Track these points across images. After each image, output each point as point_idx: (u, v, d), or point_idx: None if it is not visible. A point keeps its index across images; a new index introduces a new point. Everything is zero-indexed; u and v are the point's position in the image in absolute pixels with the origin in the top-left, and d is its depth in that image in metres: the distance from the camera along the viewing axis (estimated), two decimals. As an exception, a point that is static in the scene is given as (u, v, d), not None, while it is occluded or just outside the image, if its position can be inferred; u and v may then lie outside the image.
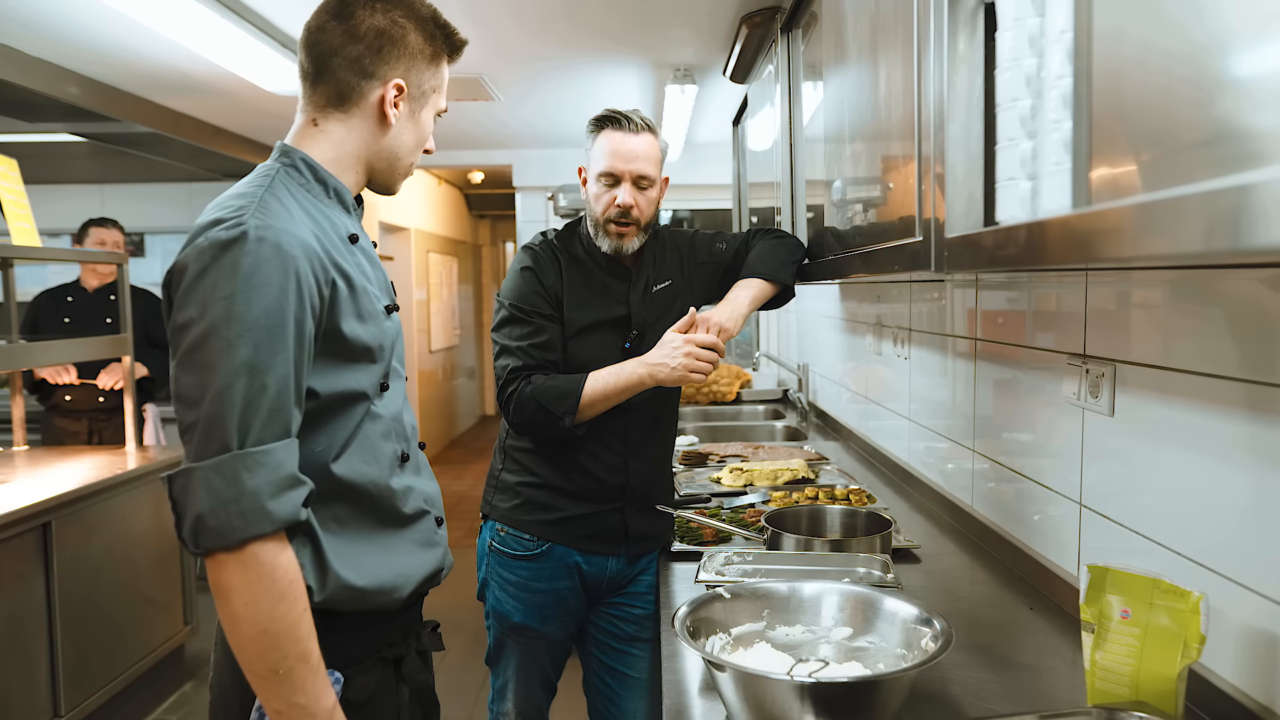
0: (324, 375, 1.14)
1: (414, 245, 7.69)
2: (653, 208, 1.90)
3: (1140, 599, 1.05)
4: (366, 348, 1.19)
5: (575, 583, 1.92)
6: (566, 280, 1.89)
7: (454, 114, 4.40)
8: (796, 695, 1.04)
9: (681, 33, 3.10)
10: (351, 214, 1.26)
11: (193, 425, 1.04)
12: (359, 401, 1.19)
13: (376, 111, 1.22)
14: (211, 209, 1.11)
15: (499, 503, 1.93)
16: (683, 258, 2.02)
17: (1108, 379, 1.36)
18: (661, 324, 1.91)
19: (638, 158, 1.83)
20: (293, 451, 1.08)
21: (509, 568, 1.90)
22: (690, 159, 5.38)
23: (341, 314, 1.14)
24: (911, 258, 1.19)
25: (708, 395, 4.23)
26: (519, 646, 1.93)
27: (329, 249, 1.14)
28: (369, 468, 1.21)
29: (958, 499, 2.05)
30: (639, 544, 1.94)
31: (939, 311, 2.17)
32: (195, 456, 1.03)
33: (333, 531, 1.17)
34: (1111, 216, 0.63)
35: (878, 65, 1.45)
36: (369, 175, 1.28)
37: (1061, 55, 0.80)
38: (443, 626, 1.54)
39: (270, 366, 1.04)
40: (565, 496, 1.88)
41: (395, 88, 1.21)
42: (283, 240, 1.06)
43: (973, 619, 1.51)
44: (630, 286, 1.93)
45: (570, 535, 1.88)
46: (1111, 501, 1.38)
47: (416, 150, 1.30)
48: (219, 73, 3.27)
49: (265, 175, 1.17)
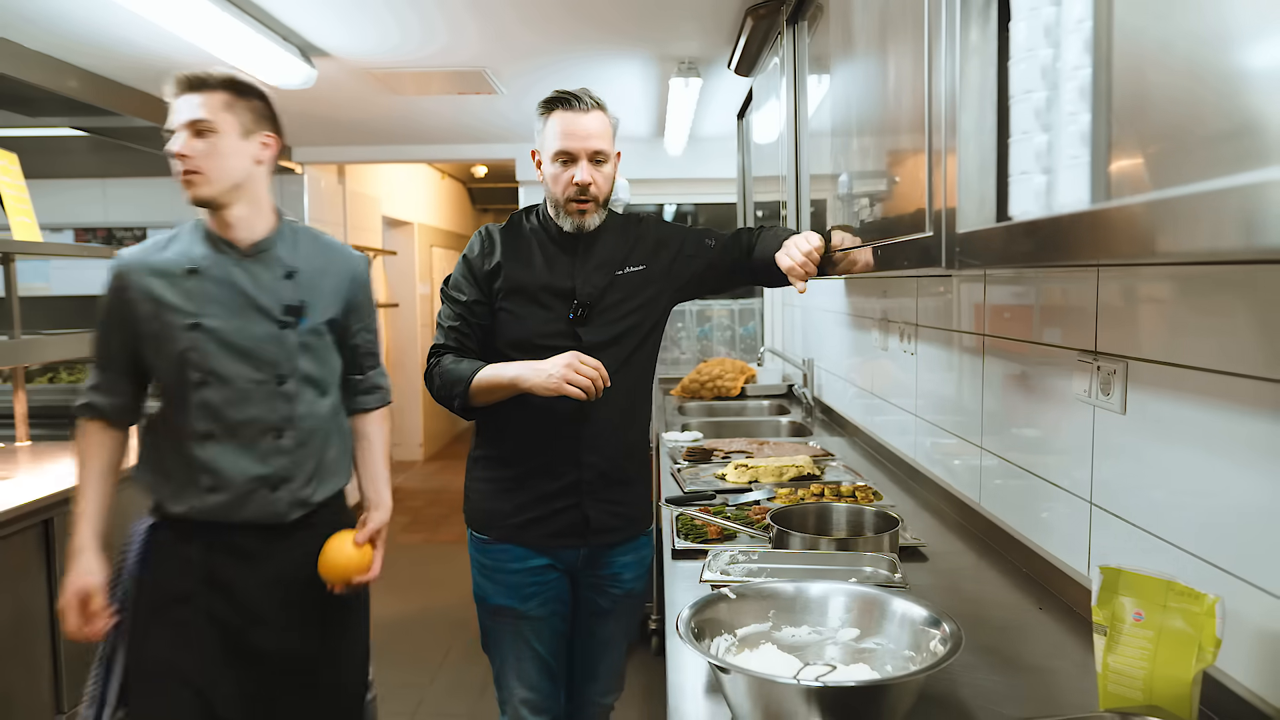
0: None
1: (417, 239, 7.67)
2: (609, 183, 1.92)
3: (1154, 601, 1.03)
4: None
5: (549, 561, 1.96)
6: (504, 253, 1.92)
7: (456, 107, 4.38)
8: (803, 699, 1.02)
9: (686, 25, 3.07)
10: (223, 251, 1.41)
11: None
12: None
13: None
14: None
15: (470, 505, 2.02)
16: (668, 248, 2.01)
17: (1119, 376, 1.33)
18: (623, 305, 1.93)
19: (591, 135, 1.85)
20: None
21: (484, 552, 1.98)
22: (694, 153, 5.35)
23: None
24: (922, 253, 1.17)
25: (712, 390, 4.21)
26: (505, 629, 1.98)
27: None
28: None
29: (965, 496, 2.03)
30: (602, 536, 1.96)
31: (946, 306, 2.15)
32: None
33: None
34: (1135, 212, 0.61)
35: (886, 57, 1.42)
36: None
37: (1079, 46, 0.77)
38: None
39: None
40: (522, 494, 1.93)
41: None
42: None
43: (981, 619, 1.49)
44: (577, 259, 1.92)
45: (533, 535, 1.93)
46: (1123, 500, 1.35)
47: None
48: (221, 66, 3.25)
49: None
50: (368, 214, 6.46)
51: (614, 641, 2.10)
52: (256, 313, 1.73)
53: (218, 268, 1.73)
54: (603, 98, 1.91)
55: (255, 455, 1.74)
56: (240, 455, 1.74)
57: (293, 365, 1.76)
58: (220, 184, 1.70)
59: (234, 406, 1.72)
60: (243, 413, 1.73)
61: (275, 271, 1.77)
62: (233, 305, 1.72)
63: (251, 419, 1.73)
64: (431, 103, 4.24)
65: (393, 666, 3.67)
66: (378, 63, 3.45)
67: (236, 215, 1.74)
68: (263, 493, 1.75)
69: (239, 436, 1.73)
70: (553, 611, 1.99)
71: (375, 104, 4.20)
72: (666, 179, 5.53)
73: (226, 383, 1.72)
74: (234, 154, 1.70)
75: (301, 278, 1.79)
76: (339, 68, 3.47)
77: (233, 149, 1.70)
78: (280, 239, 1.80)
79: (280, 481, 1.77)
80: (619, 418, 1.94)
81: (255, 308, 1.74)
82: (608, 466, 1.93)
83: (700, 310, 5.53)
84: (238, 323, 1.72)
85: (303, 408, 1.78)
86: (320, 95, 3.88)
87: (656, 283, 1.98)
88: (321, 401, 1.83)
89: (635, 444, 2.02)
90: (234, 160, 1.70)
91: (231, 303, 1.72)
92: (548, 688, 2.00)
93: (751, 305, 5.55)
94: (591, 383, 1.74)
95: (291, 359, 1.76)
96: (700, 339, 5.58)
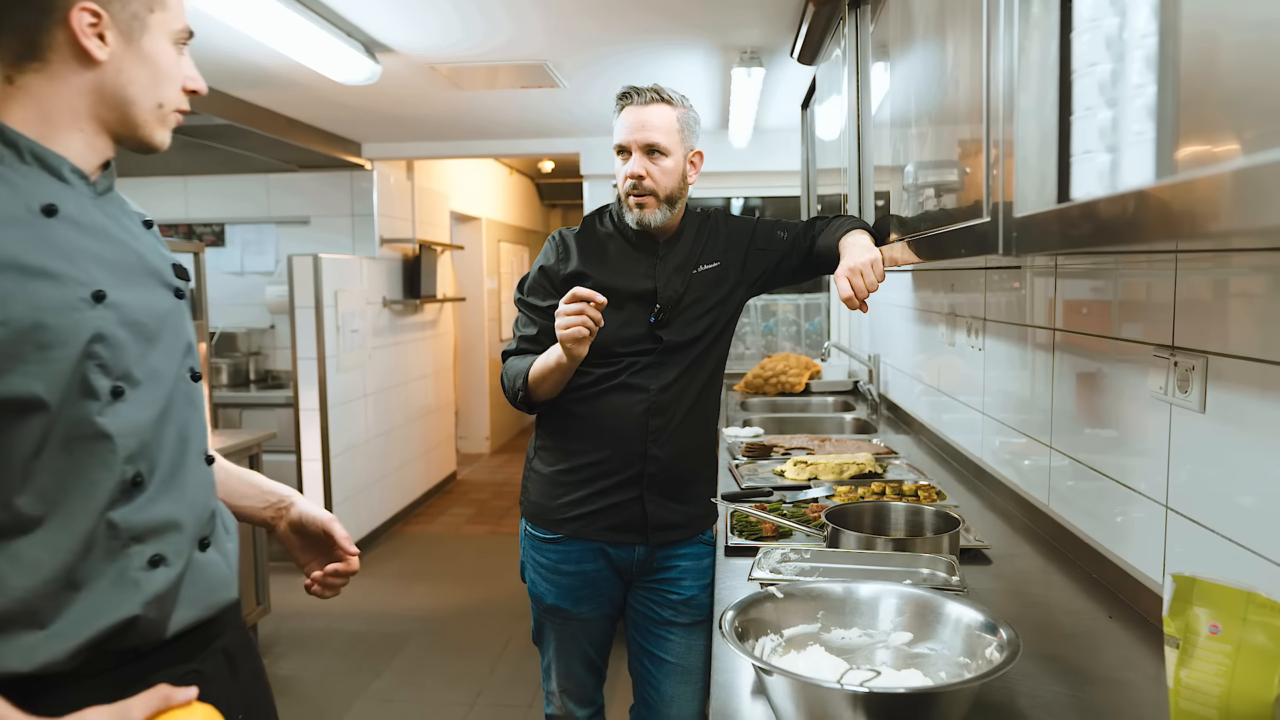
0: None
1: (485, 235, 7.76)
2: (670, 178, 1.86)
3: (1232, 613, 0.96)
4: (28, 342, 0.95)
5: (603, 565, 1.93)
6: (581, 256, 1.90)
7: (519, 102, 4.40)
8: (849, 705, 0.98)
9: (747, 12, 3.02)
10: (70, 182, 1.04)
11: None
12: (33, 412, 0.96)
13: (74, 49, 1.01)
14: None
15: (527, 496, 1.99)
16: (740, 242, 1.98)
17: (1198, 372, 1.25)
18: (700, 304, 1.90)
19: (646, 127, 1.82)
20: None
21: (540, 550, 1.96)
22: (759, 145, 5.27)
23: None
24: (979, 240, 1.11)
25: (775, 386, 4.14)
26: (556, 627, 1.98)
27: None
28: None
29: (1033, 498, 1.95)
30: (663, 533, 1.92)
31: (1015, 301, 2.06)
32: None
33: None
34: (1200, 187, 0.56)
35: (945, 37, 1.36)
36: (109, 131, 1.07)
37: (1147, 10, 0.72)
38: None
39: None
40: (585, 486, 1.90)
41: (86, 13, 0.99)
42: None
43: (1046, 626, 1.42)
44: (658, 261, 1.90)
45: (591, 528, 1.90)
46: (1202, 505, 1.27)
47: (158, 88, 1.08)
48: (289, 65, 3.32)
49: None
50: (436, 209, 6.55)
51: (689, 669, 1.97)
52: None
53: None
54: (678, 93, 1.88)
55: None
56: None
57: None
58: None
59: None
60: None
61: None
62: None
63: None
64: (494, 97, 4.27)
65: (453, 657, 3.72)
66: (441, 57, 3.48)
67: None
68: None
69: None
70: (604, 614, 1.99)
71: (439, 99, 4.25)
72: (731, 172, 5.46)
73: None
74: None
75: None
76: (403, 63, 3.51)
77: None
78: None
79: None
80: (688, 414, 1.92)
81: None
82: (672, 463, 1.90)
83: (765, 305, 5.46)
84: None
85: None
86: (385, 91, 3.93)
87: (730, 279, 1.95)
88: None
89: (701, 441, 1.99)
90: None
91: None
92: (592, 681, 2.04)
93: (818, 300, 5.45)
94: (582, 325, 1.68)
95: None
96: (765, 334, 5.51)
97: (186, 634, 1.10)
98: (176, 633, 1.09)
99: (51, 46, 1.00)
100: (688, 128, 1.88)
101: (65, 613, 0.98)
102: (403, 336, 5.88)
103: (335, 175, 5.54)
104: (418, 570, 4.91)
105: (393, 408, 5.68)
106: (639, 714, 2.05)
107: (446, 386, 6.79)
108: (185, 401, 1.13)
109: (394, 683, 3.50)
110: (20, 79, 1.01)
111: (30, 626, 0.96)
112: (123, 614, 1.01)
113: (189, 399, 1.14)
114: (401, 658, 3.72)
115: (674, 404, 1.89)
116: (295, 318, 4.74)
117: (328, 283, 4.79)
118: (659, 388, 1.87)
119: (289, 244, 5.63)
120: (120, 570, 1.02)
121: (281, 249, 5.69)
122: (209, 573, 1.14)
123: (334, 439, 4.85)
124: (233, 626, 1.22)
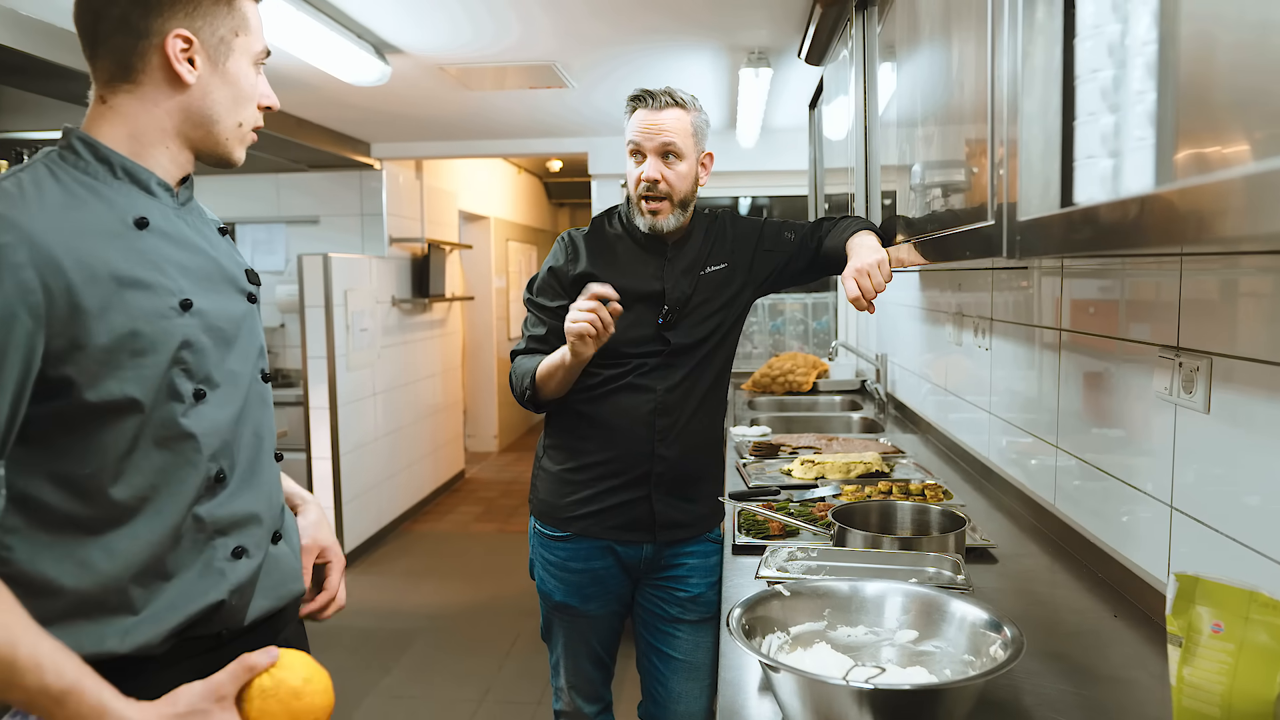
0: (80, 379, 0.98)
1: (493, 234, 7.78)
2: (685, 182, 1.86)
3: (1235, 612, 0.97)
4: (125, 350, 1.01)
5: (611, 563, 1.95)
6: (590, 257, 1.91)
7: (527, 103, 4.42)
8: (854, 701, 0.99)
9: (755, 13, 3.02)
10: (157, 195, 1.09)
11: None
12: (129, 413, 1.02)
13: (166, 73, 1.06)
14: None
15: (536, 495, 2.01)
16: (747, 243, 1.98)
17: (1203, 373, 1.26)
18: (708, 306, 1.91)
19: (661, 130, 1.82)
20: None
21: (549, 548, 1.97)
22: (767, 145, 5.28)
23: (86, 311, 0.97)
24: (983, 243, 1.12)
25: (783, 385, 4.15)
26: (564, 624, 2.00)
27: (81, 240, 0.99)
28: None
29: (1039, 497, 1.96)
30: (670, 532, 1.93)
31: (1022, 300, 2.07)
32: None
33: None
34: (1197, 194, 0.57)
35: (950, 38, 1.37)
36: (192, 148, 1.13)
37: (1148, 18, 0.73)
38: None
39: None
40: (593, 485, 1.91)
41: (179, 39, 1.05)
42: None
43: (1051, 625, 1.43)
44: (666, 263, 1.90)
45: (599, 527, 1.92)
46: (1206, 505, 1.28)
47: (240, 108, 1.13)
48: (300, 66, 3.34)
49: (31, 161, 1.05)
50: (444, 208, 6.58)
51: (696, 666, 1.98)
52: None
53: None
54: (690, 96, 1.88)
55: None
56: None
57: None
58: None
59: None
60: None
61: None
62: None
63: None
64: (503, 98, 4.29)
65: (462, 654, 3.74)
66: (450, 58, 3.50)
67: None
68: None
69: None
70: (612, 611, 2.00)
71: (448, 99, 4.27)
72: (739, 171, 5.47)
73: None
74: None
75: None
76: (413, 64, 3.53)
77: None
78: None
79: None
80: (694, 414, 1.93)
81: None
82: (680, 462, 1.91)
83: (773, 304, 5.47)
84: None
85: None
86: (395, 92, 3.96)
87: (738, 280, 1.96)
88: None
89: (709, 441, 2.00)
90: None
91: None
92: (600, 677, 2.05)
93: (825, 299, 5.46)
94: (590, 324, 1.68)
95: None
96: (773, 333, 5.52)
97: (260, 624, 1.17)
98: (252, 622, 1.15)
99: (145, 69, 1.06)
100: (700, 131, 1.89)
101: (156, 599, 1.05)
102: (411, 335, 5.91)
103: (345, 175, 5.56)
104: (426, 568, 4.93)
105: (402, 406, 5.70)
106: (647, 710, 2.06)
107: (455, 385, 6.81)
108: (259, 401, 1.19)
109: (403, 679, 3.53)
110: (113, 98, 1.07)
111: (124, 612, 1.03)
112: (210, 599, 1.08)
113: (261, 399, 1.20)
114: (410, 654, 3.75)
115: (681, 404, 1.90)
116: (305, 316, 4.77)
117: (337, 282, 4.82)
118: (666, 388, 1.89)
119: (299, 243, 5.66)
120: (207, 561, 1.09)
121: (291, 248, 5.72)
122: (282, 565, 1.21)
123: (343, 437, 4.88)
124: (293, 620, 1.28)
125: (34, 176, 1.02)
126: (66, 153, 1.06)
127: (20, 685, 0.91)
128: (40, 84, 2.98)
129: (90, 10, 1.06)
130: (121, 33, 1.05)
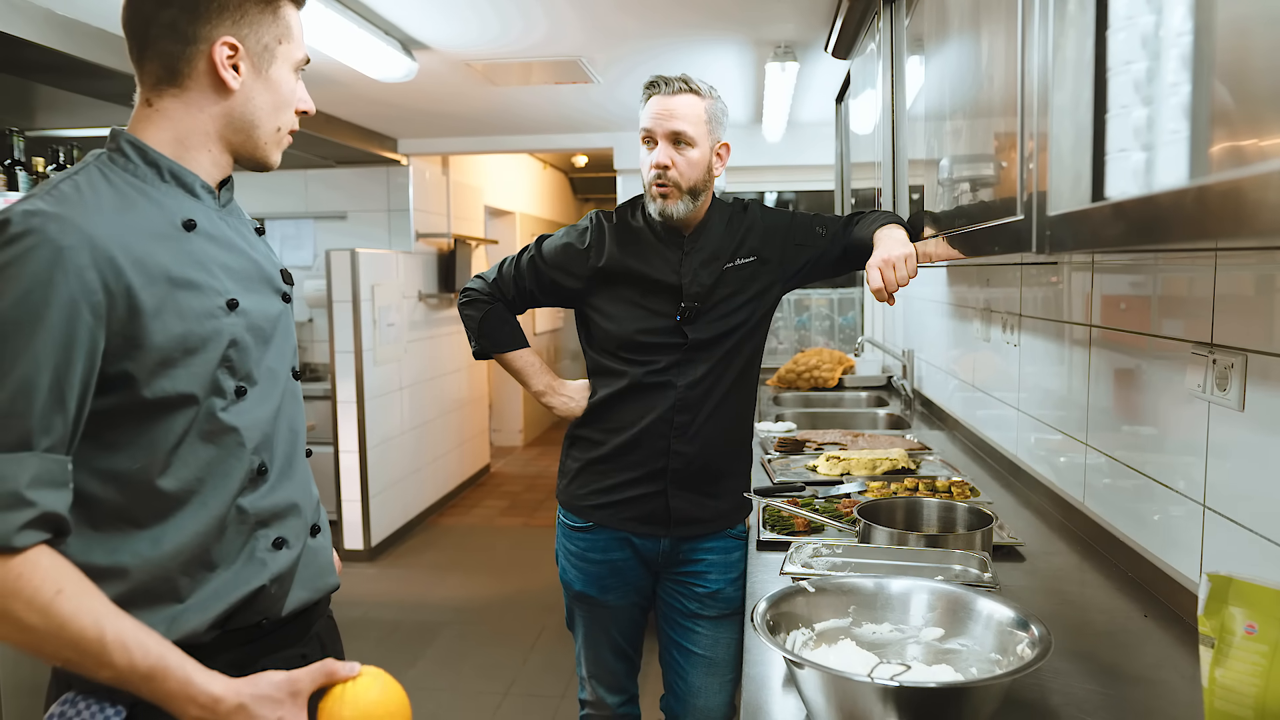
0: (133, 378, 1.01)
1: (519, 228, 7.81)
2: (695, 170, 1.84)
3: (1269, 613, 0.95)
4: (179, 348, 1.04)
5: (629, 555, 1.96)
6: (616, 248, 1.91)
7: (552, 98, 4.42)
8: (879, 698, 0.99)
9: (782, 7, 3.01)
10: (201, 198, 1.12)
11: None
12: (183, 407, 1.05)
13: (211, 79, 1.09)
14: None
15: (562, 484, 2.04)
16: (778, 235, 1.96)
17: (1237, 370, 1.24)
18: (734, 299, 1.89)
19: (672, 116, 1.81)
20: (26, 466, 0.92)
21: (570, 538, 2.00)
22: (793, 139, 5.25)
23: (144, 311, 1.00)
24: (1012, 238, 1.11)
25: (809, 381, 4.13)
26: (584, 614, 2.03)
27: (136, 242, 1.01)
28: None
29: (1069, 495, 1.93)
30: (686, 527, 1.94)
31: (1052, 296, 2.04)
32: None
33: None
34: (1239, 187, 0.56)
35: (980, 31, 1.35)
36: (232, 151, 1.15)
37: (1183, 9, 0.71)
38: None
39: (9, 369, 0.92)
40: (611, 476, 1.93)
41: (226, 47, 1.08)
42: (51, 230, 0.94)
43: (1080, 624, 1.41)
44: (684, 256, 1.89)
45: (616, 518, 1.93)
46: (1240, 504, 1.26)
47: (279, 113, 1.16)
48: (328, 63, 3.37)
49: (82, 163, 1.07)
50: (470, 204, 6.61)
51: (716, 662, 1.99)
52: None
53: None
54: (707, 85, 1.86)
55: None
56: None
57: None
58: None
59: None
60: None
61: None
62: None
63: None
64: (528, 93, 4.30)
65: (487, 646, 3.77)
66: (477, 55, 3.51)
67: None
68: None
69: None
70: (632, 603, 2.01)
71: (474, 95, 4.29)
72: (765, 166, 5.45)
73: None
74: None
75: None
76: (440, 60, 3.55)
77: None
78: None
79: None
80: (716, 410, 1.92)
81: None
82: (698, 458, 1.91)
83: (799, 299, 5.44)
84: None
85: None
86: (421, 88, 3.98)
87: (768, 273, 1.93)
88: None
89: (732, 438, 1.98)
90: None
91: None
92: (623, 669, 2.07)
93: (851, 295, 5.42)
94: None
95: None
96: (798, 328, 5.49)
97: (297, 616, 1.20)
98: (290, 614, 1.17)
99: (191, 75, 1.09)
100: (715, 119, 1.86)
101: (202, 588, 1.08)
102: (438, 330, 5.95)
103: (372, 171, 5.61)
104: (452, 561, 4.97)
105: (428, 400, 5.74)
106: (668, 704, 2.07)
107: (480, 379, 6.85)
108: (292, 398, 1.23)
109: (428, 671, 3.56)
110: (159, 102, 1.10)
111: (170, 600, 1.06)
112: (252, 586, 1.11)
113: (294, 395, 1.24)
114: (436, 647, 3.78)
115: (702, 401, 1.89)
116: (333, 311, 4.81)
117: (365, 277, 4.86)
118: (686, 384, 1.88)
119: (326, 239, 5.72)
120: (250, 551, 1.12)
121: (319, 244, 5.77)
122: (319, 557, 1.23)
123: (371, 431, 4.93)
124: (326, 614, 1.30)
125: (89, 179, 1.04)
126: (116, 155, 1.08)
127: (110, 664, 0.94)
128: (75, 82, 3.03)
129: (140, 15, 1.08)
130: (170, 38, 1.07)
